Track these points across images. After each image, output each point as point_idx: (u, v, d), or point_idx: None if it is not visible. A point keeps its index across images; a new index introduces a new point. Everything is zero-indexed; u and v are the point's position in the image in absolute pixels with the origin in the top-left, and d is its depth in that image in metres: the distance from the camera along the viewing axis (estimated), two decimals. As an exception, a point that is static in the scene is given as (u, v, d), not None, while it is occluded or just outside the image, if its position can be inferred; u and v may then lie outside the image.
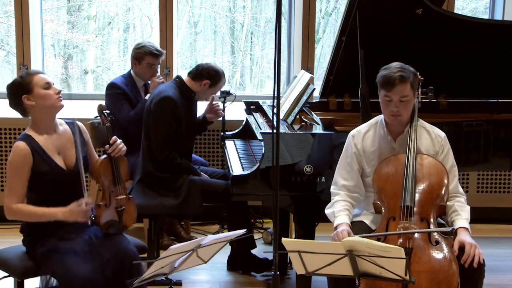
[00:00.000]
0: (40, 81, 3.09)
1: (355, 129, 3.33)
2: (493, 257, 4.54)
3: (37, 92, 3.08)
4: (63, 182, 3.13)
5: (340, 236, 3.00)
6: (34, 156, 3.06)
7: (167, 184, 4.05)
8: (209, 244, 2.75)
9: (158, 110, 4.08)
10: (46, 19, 6.60)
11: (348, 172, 3.27)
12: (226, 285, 4.22)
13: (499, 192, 5.46)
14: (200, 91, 4.22)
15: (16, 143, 3.09)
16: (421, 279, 2.81)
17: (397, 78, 3.07)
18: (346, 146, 3.31)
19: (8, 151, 5.18)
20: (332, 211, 3.21)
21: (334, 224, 3.15)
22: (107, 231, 3.16)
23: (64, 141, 3.19)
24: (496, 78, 4.45)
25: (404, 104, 3.11)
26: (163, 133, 4.07)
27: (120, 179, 3.24)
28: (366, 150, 3.26)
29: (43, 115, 3.13)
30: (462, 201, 3.17)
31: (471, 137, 3.97)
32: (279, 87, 2.60)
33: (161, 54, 4.68)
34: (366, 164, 3.27)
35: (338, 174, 3.30)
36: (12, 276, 3.16)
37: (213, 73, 4.20)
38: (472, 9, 6.98)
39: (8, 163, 3.10)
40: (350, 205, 3.23)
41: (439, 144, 3.23)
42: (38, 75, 3.11)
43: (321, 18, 7.11)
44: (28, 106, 3.11)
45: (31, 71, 3.16)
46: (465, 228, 3.04)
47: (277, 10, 2.56)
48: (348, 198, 3.24)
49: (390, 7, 4.07)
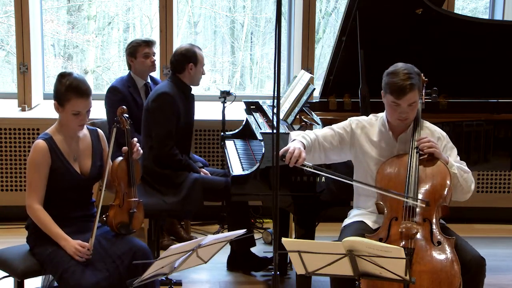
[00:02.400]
0: (74, 107, 3.08)
1: (356, 118, 3.33)
2: (493, 257, 4.53)
3: (66, 112, 3.11)
4: (75, 187, 3.17)
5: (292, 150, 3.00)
6: (52, 156, 3.10)
7: (167, 181, 4.05)
8: (209, 244, 2.75)
9: (156, 107, 4.11)
10: (46, 19, 6.60)
11: (327, 133, 3.27)
12: (226, 285, 4.22)
13: (499, 192, 5.46)
14: (192, 77, 4.24)
15: (36, 141, 3.12)
16: (423, 279, 2.81)
17: (407, 86, 3.06)
18: (342, 124, 3.32)
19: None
20: (298, 133, 3.24)
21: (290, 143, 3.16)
22: (118, 231, 3.19)
23: (83, 148, 3.23)
24: (496, 78, 4.45)
25: (411, 108, 3.12)
26: (164, 128, 4.08)
27: (134, 181, 3.27)
28: (361, 138, 3.26)
29: (66, 124, 3.17)
30: (465, 164, 3.20)
31: (471, 137, 3.97)
32: (279, 87, 2.60)
33: (152, 41, 4.71)
34: (353, 149, 3.27)
35: (321, 130, 3.31)
36: (12, 276, 3.16)
37: (189, 54, 4.21)
38: (472, 9, 6.98)
39: (28, 161, 3.14)
40: (313, 144, 3.21)
41: (441, 143, 3.23)
42: (78, 99, 3.08)
43: (321, 18, 7.11)
44: (56, 110, 3.17)
45: (80, 89, 3.09)
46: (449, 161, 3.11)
47: (277, 10, 2.56)
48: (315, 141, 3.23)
49: (390, 7, 4.07)
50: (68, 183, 3.14)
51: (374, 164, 3.23)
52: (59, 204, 3.14)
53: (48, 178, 3.11)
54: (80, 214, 3.19)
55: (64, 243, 3.05)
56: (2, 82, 6.98)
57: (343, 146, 3.28)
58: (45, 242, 3.09)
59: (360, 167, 3.29)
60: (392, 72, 3.13)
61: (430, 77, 3.47)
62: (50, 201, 3.13)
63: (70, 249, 3.02)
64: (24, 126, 5.17)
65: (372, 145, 3.26)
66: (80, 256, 3.01)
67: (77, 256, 3.00)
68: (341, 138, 3.28)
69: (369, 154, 3.25)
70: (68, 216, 3.16)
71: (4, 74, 7.00)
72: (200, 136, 5.28)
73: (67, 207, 3.16)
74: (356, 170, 3.33)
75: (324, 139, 3.26)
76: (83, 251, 3.01)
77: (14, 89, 5.79)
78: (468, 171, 3.18)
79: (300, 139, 3.17)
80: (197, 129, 5.18)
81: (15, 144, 5.17)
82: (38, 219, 3.09)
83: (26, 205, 3.11)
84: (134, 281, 2.67)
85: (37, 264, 3.11)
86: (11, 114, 5.32)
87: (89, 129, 3.30)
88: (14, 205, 5.05)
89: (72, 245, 3.03)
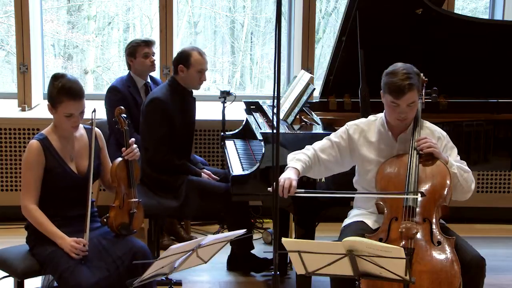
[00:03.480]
0: (66, 109, 3.08)
1: (353, 122, 3.33)
2: (493, 257, 4.53)
3: (59, 114, 3.11)
4: (72, 187, 3.17)
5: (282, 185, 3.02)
6: (47, 156, 3.10)
7: (165, 186, 4.05)
8: (209, 244, 2.75)
9: (148, 112, 4.12)
10: (46, 19, 6.60)
11: (325, 144, 3.27)
12: (226, 285, 4.22)
13: (499, 192, 5.46)
14: (185, 79, 4.21)
15: (31, 141, 3.13)
16: (423, 279, 2.80)
17: (406, 86, 3.05)
18: (341, 131, 3.31)
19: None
20: (293, 156, 3.23)
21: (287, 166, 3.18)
22: (119, 232, 3.19)
23: (79, 148, 3.23)
24: (496, 78, 4.44)
25: (410, 108, 3.11)
26: (156, 135, 4.08)
27: (134, 182, 3.27)
28: (360, 142, 3.25)
29: (60, 125, 3.18)
30: (465, 163, 3.20)
31: (471, 137, 3.97)
32: (279, 87, 2.60)
33: (152, 41, 4.71)
34: (353, 155, 3.26)
35: (318, 142, 3.31)
36: (12, 276, 3.16)
37: (183, 55, 4.20)
38: (472, 9, 6.98)
39: (22, 161, 3.16)
40: (311, 161, 3.23)
41: (441, 143, 3.23)
42: (70, 102, 3.08)
43: (321, 18, 7.11)
44: (49, 111, 3.18)
45: (72, 92, 3.08)
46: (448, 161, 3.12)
47: (277, 10, 2.56)
48: (314, 157, 3.24)
49: (390, 7, 4.07)
50: (65, 182, 3.14)
51: (374, 166, 3.23)
52: (56, 204, 3.14)
53: (45, 178, 3.11)
54: (77, 214, 3.18)
55: (61, 241, 3.04)
56: (2, 82, 6.98)
57: (343, 154, 3.28)
58: (44, 242, 3.09)
59: (362, 169, 3.28)
60: (391, 72, 3.12)
61: (430, 77, 3.47)
62: (48, 201, 3.13)
63: (66, 247, 3.02)
64: (24, 126, 5.17)
65: (372, 148, 3.25)
66: (76, 253, 3.01)
67: (73, 254, 3.00)
68: (339, 148, 3.27)
69: (369, 157, 3.24)
70: (66, 215, 3.15)
71: (4, 74, 7.00)
72: (200, 136, 5.28)
73: (65, 206, 3.16)
74: (358, 172, 3.32)
75: (322, 152, 3.26)
76: (78, 247, 3.01)
77: (14, 89, 5.79)
78: (468, 170, 3.17)
79: (293, 164, 3.18)
80: (197, 129, 5.17)
81: (15, 144, 5.17)
82: (34, 219, 3.09)
83: (21, 206, 3.11)
84: (134, 281, 2.67)
85: (36, 264, 3.11)
86: (11, 114, 5.32)
87: (85, 128, 3.29)
88: (14, 205, 5.00)
89: (68, 243, 3.03)
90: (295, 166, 3.17)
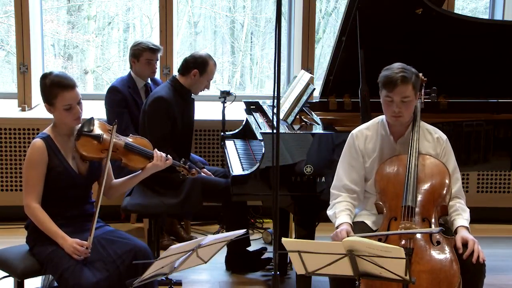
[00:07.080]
0: (63, 101, 3.09)
1: (357, 129, 3.33)
2: (493, 257, 4.53)
3: (57, 109, 3.12)
4: (74, 186, 3.17)
5: (339, 236, 2.99)
6: (50, 155, 3.11)
7: (166, 183, 4.05)
8: (209, 244, 2.75)
9: (151, 111, 4.13)
10: (46, 19, 6.61)
11: (349, 172, 3.26)
12: (226, 285, 4.22)
13: (499, 192, 5.45)
14: (193, 84, 4.24)
15: (34, 140, 3.14)
16: (422, 279, 2.81)
17: (399, 78, 3.07)
18: (348, 146, 3.30)
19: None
20: (333, 212, 3.21)
21: (336, 224, 3.14)
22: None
23: None
24: (496, 78, 4.44)
25: (405, 104, 3.11)
26: (158, 133, 4.08)
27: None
28: (368, 150, 3.26)
29: (62, 123, 3.17)
30: (463, 203, 3.18)
31: (471, 137, 3.96)
32: (279, 87, 2.60)
33: (158, 49, 4.69)
34: (366, 164, 3.27)
35: (339, 175, 3.29)
36: (12, 276, 3.16)
37: (199, 61, 4.21)
38: (472, 9, 6.98)
39: (25, 160, 3.15)
40: (352, 205, 3.22)
41: (440, 146, 3.23)
42: (64, 93, 3.09)
43: (321, 18, 7.12)
44: (48, 111, 3.18)
45: (63, 83, 3.09)
46: (466, 227, 3.05)
47: (277, 10, 2.57)
48: (349, 199, 3.23)
49: (390, 7, 4.07)
50: (66, 181, 3.14)
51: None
52: (57, 203, 3.14)
53: (47, 177, 3.11)
54: (78, 213, 3.19)
55: (62, 241, 3.04)
56: (2, 82, 6.99)
57: (363, 166, 3.27)
58: (44, 242, 3.09)
59: (370, 175, 3.28)
60: (387, 68, 3.17)
61: (429, 77, 3.47)
62: (49, 200, 3.13)
63: (68, 248, 3.02)
64: (24, 126, 5.17)
65: (374, 152, 3.26)
66: (79, 255, 3.00)
67: (75, 255, 3.00)
68: (358, 164, 3.26)
69: (373, 166, 3.25)
70: (67, 215, 3.15)
71: (4, 74, 7.01)
72: (200, 136, 5.28)
73: (66, 206, 3.16)
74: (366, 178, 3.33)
75: (355, 184, 3.24)
76: (81, 250, 3.00)
77: (14, 89, 5.79)
78: (467, 209, 3.17)
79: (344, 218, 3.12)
80: (197, 129, 5.18)
81: (15, 144, 5.17)
82: (36, 218, 3.09)
83: (24, 204, 3.11)
84: (134, 281, 2.67)
85: (37, 264, 3.10)
86: (11, 114, 5.32)
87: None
88: (14, 205, 5.04)
89: (70, 244, 3.02)
90: (346, 220, 3.11)
